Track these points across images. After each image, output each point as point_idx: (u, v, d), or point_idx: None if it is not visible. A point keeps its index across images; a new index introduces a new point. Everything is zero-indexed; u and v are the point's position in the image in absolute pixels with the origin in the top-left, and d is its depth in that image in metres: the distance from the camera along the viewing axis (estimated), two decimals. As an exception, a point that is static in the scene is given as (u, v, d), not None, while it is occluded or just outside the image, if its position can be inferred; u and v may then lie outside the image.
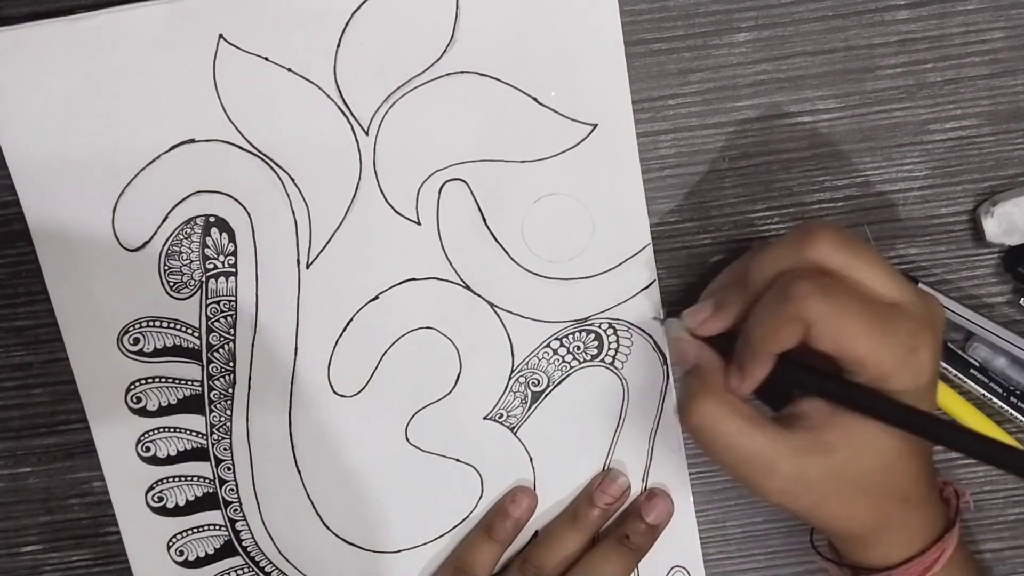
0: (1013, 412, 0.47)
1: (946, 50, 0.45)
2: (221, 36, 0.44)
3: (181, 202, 0.45)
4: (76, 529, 0.49)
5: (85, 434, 0.48)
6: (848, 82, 0.45)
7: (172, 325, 0.46)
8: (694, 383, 0.40)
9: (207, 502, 0.48)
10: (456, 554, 0.49)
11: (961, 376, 0.47)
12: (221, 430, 0.47)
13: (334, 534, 0.49)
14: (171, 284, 0.46)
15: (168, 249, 0.45)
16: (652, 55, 0.45)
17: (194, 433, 0.47)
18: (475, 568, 0.48)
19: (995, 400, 0.47)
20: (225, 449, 0.48)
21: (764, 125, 0.46)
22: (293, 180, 0.45)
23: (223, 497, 0.48)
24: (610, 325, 0.47)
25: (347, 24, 0.44)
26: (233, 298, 0.46)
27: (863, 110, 0.46)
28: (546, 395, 0.48)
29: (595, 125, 0.45)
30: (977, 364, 0.47)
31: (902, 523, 0.40)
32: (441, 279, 0.46)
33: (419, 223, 0.46)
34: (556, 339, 0.47)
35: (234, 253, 0.46)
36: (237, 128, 0.44)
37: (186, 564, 0.49)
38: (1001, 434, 0.47)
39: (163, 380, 0.47)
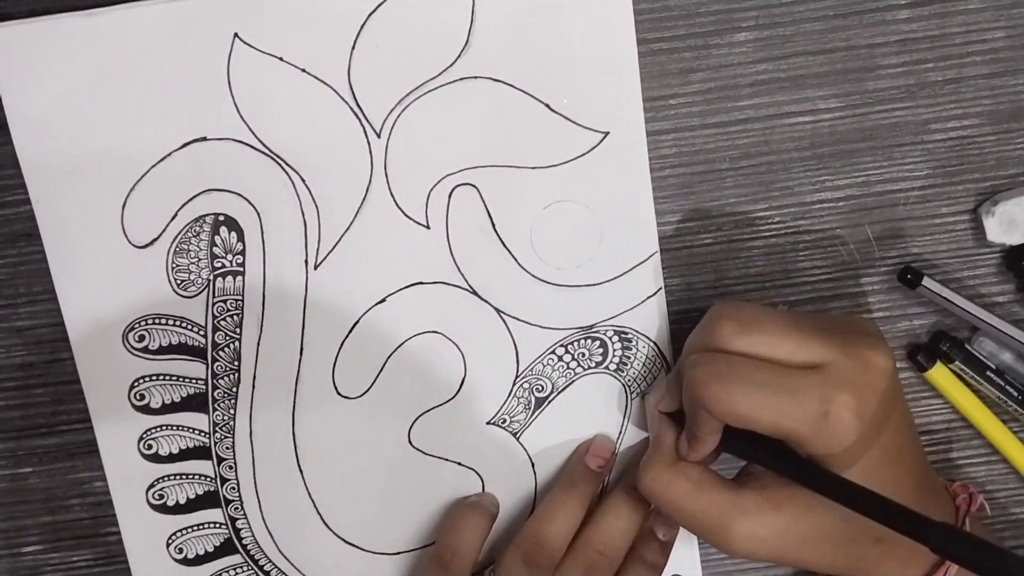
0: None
1: (947, 49, 0.45)
2: (236, 35, 0.44)
3: (191, 200, 0.45)
4: (77, 529, 0.49)
5: (86, 434, 0.48)
6: (849, 82, 0.46)
7: (178, 323, 0.46)
8: (648, 451, 0.43)
9: (208, 500, 0.48)
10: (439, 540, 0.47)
11: (978, 378, 0.47)
12: (224, 429, 0.47)
13: (334, 534, 0.49)
14: (178, 282, 0.46)
15: (177, 247, 0.45)
16: (653, 55, 0.45)
17: (197, 431, 0.47)
18: (462, 548, 0.46)
19: (1011, 403, 0.47)
20: (227, 448, 0.47)
21: (765, 125, 0.46)
22: (304, 180, 0.45)
23: (224, 495, 0.48)
24: (615, 333, 0.47)
25: (362, 26, 0.44)
26: (240, 297, 0.46)
27: (864, 110, 0.46)
28: (549, 401, 0.48)
29: (606, 133, 0.45)
30: (993, 367, 0.47)
31: (884, 558, 0.41)
32: (448, 283, 0.46)
33: (428, 227, 0.46)
34: (561, 346, 0.47)
35: (242, 252, 0.46)
36: (249, 127, 0.44)
37: (185, 562, 0.49)
38: (1014, 441, 0.48)
39: (167, 378, 0.47)
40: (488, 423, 0.48)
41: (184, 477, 0.48)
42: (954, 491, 0.45)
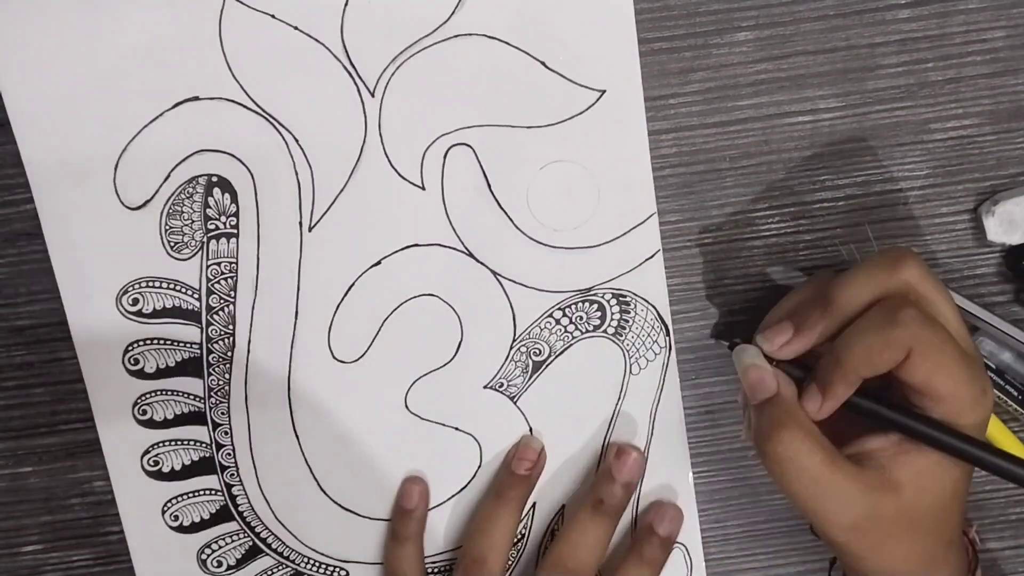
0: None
1: (947, 49, 0.45)
2: (227, -8, 0.43)
3: (183, 161, 0.45)
4: (77, 529, 0.49)
5: (86, 434, 0.48)
6: (849, 81, 0.45)
7: (172, 286, 0.46)
8: (777, 413, 0.39)
9: (203, 466, 0.48)
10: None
11: None
12: (219, 394, 0.47)
13: (331, 500, 0.48)
14: (172, 244, 0.45)
15: (169, 208, 0.45)
16: (653, 54, 0.45)
17: (192, 396, 0.47)
18: (488, 557, 0.46)
19: (1011, 403, 0.47)
20: (223, 413, 0.47)
21: (765, 124, 0.46)
22: (297, 141, 0.45)
23: (220, 462, 0.48)
24: (613, 295, 0.47)
25: (355, -17, 0.43)
26: (234, 260, 0.46)
27: (864, 109, 0.46)
28: (547, 365, 0.47)
29: (603, 91, 0.45)
30: (994, 367, 0.47)
31: (942, 565, 0.40)
32: (444, 245, 0.46)
33: (423, 188, 0.45)
34: (559, 309, 0.47)
35: (236, 214, 0.45)
36: (242, 86, 0.44)
37: (181, 529, 0.48)
38: (1016, 443, 0.48)
39: (162, 342, 0.46)
40: (485, 387, 0.47)
41: (179, 443, 0.47)
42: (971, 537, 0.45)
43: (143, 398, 0.47)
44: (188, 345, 0.46)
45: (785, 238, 0.47)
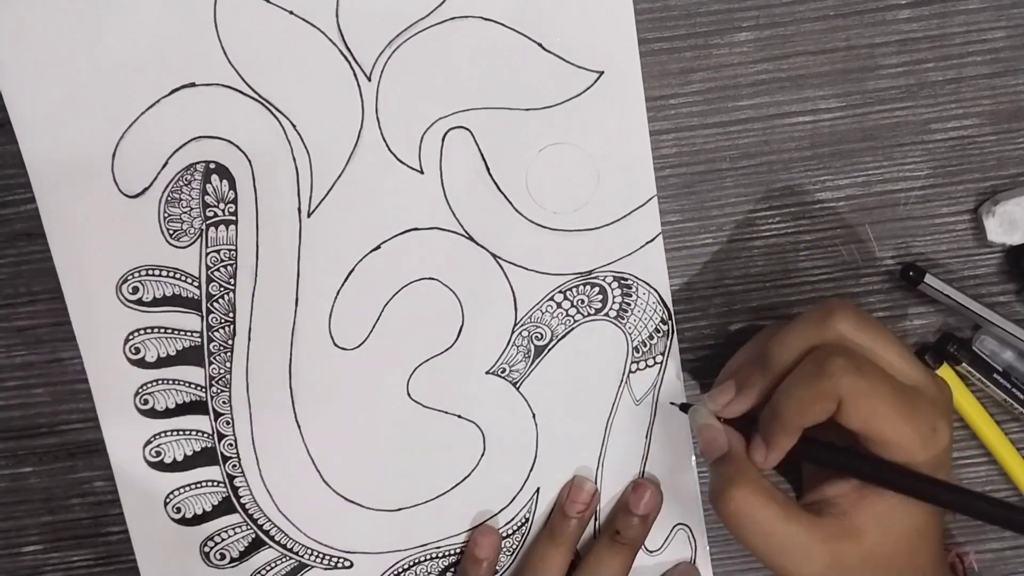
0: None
1: (947, 49, 0.45)
2: (223, -23, 0.43)
3: (181, 148, 0.45)
4: (77, 529, 0.49)
5: (87, 434, 0.48)
6: (849, 81, 0.45)
7: (171, 274, 0.46)
8: (729, 470, 0.39)
9: (205, 457, 0.47)
10: None
11: (984, 380, 0.47)
12: (220, 383, 0.47)
13: (333, 491, 0.48)
14: (171, 232, 0.45)
15: (168, 196, 0.45)
16: (653, 54, 0.45)
17: (193, 385, 0.47)
18: None
19: (1016, 406, 0.47)
20: (224, 402, 0.47)
21: (765, 124, 0.46)
22: (295, 126, 0.45)
23: (222, 452, 0.47)
24: (615, 278, 0.46)
25: (350, -34, 0.43)
26: (233, 247, 0.46)
27: (864, 109, 0.46)
28: (549, 349, 0.47)
29: (601, 72, 0.44)
30: (997, 367, 0.46)
31: None
32: (444, 229, 0.46)
33: (422, 172, 0.45)
34: (560, 292, 0.46)
35: (234, 201, 0.45)
36: (238, 72, 0.44)
37: (183, 521, 0.48)
38: (1014, 453, 0.48)
39: (162, 330, 0.46)
40: (487, 373, 0.47)
41: (181, 433, 0.47)
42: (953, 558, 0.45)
43: (144, 387, 0.47)
44: (189, 333, 0.46)
45: (785, 238, 0.47)
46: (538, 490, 0.48)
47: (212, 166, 0.45)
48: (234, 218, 0.45)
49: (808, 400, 0.37)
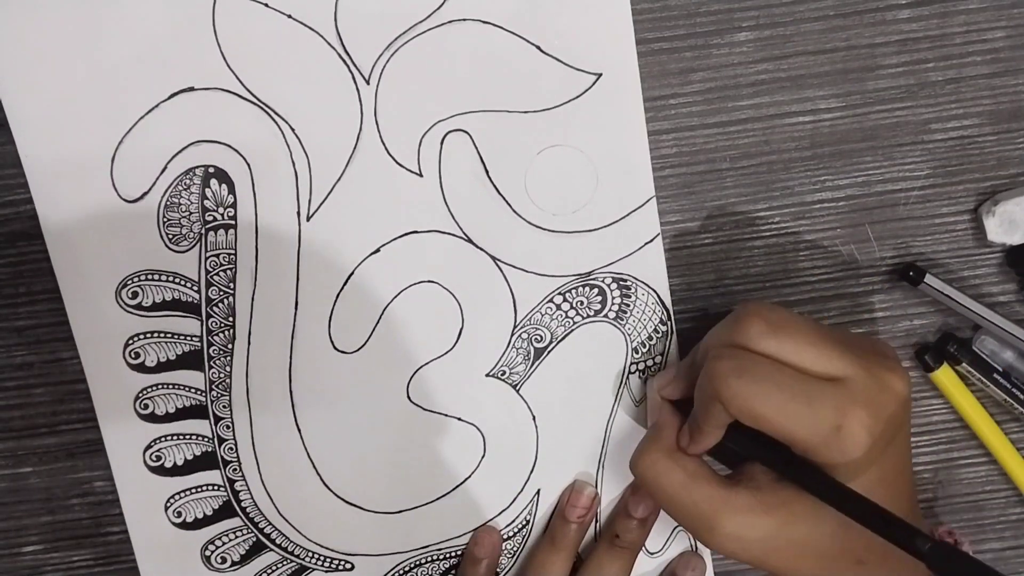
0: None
1: (947, 49, 0.45)
2: (221, -18, 0.43)
3: (180, 152, 0.45)
4: (77, 529, 0.49)
5: (86, 434, 0.48)
6: (849, 81, 0.45)
7: (171, 278, 0.46)
8: (647, 436, 0.42)
9: (206, 461, 0.47)
10: None
11: (984, 380, 0.47)
12: (220, 387, 0.47)
13: (334, 494, 0.48)
14: (170, 236, 0.45)
15: (167, 200, 0.45)
16: (653, 54, 0.45)
17: (193, 390, 0.47)
18: None
19: (1016, 406, 0.47)
20: (224, 406, 0.47)
21: (765, 124, 0.46)
22: (293, 130, 0.45)
23: (222, 456, 0.47)
24: (614, 280, 0.46)
25: (348, -31, 0.43)
26: (233, 251, 0.46)
27: (864, 109, 0.46)
28: (549, 351, 0.47)
29: (599, 75, 0.45)
30: (1000, 368, 0.47)
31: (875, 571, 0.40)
32: (443, 232, 0.46)
33: (421, 175, 0.45)
34: (559, 294, 0.47)
35: (234, 205, 0.45)
36: (237, 76, 0.44)
37: (184, 525, 0.48)
38: (1014, 452, 0.48)
39: (162, 335, 0.46)
40: (487, 375, 0.47)
41: (181, 437, 0.47)
42: (940, 535, 0.44)
43: (144, 392, 0.47)
44: (188, 338, 0.46)
45: (785, 238, 0.47)
46: (539, 492, 0.48)
47: (211, 170, 0.45)
48: (233, 222, 0.45)
49: (700, 402, 0.39)
